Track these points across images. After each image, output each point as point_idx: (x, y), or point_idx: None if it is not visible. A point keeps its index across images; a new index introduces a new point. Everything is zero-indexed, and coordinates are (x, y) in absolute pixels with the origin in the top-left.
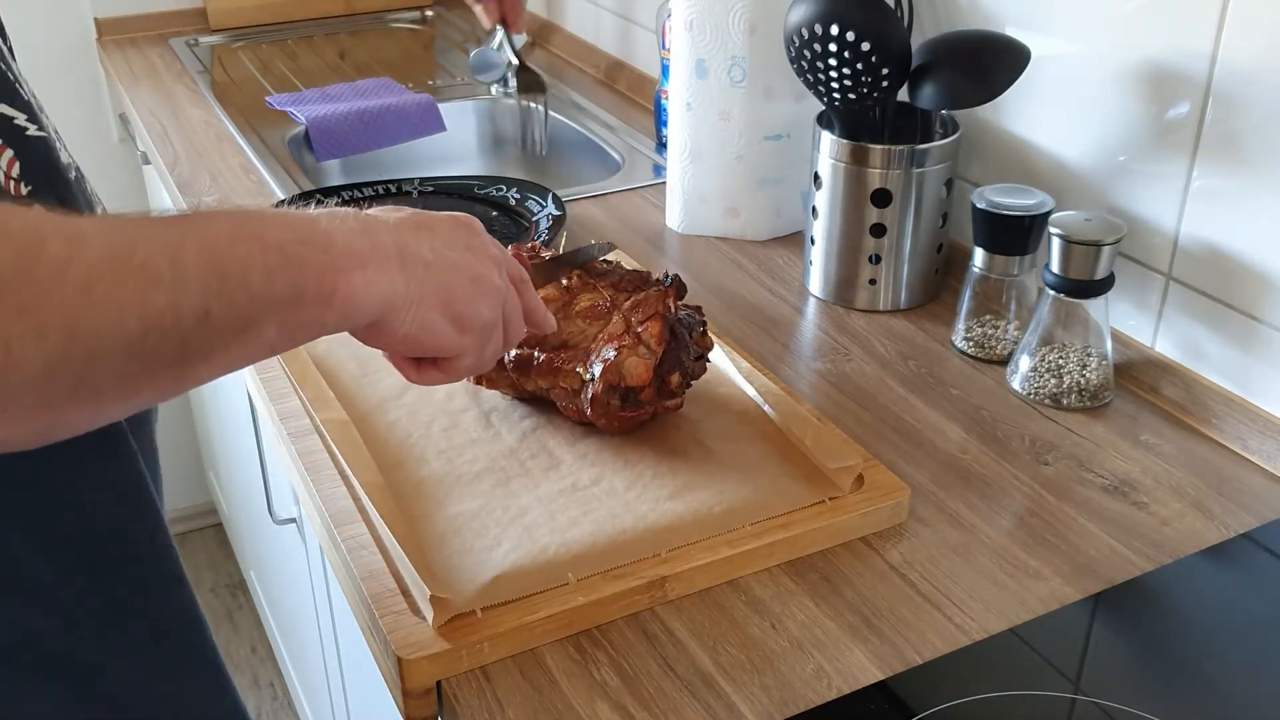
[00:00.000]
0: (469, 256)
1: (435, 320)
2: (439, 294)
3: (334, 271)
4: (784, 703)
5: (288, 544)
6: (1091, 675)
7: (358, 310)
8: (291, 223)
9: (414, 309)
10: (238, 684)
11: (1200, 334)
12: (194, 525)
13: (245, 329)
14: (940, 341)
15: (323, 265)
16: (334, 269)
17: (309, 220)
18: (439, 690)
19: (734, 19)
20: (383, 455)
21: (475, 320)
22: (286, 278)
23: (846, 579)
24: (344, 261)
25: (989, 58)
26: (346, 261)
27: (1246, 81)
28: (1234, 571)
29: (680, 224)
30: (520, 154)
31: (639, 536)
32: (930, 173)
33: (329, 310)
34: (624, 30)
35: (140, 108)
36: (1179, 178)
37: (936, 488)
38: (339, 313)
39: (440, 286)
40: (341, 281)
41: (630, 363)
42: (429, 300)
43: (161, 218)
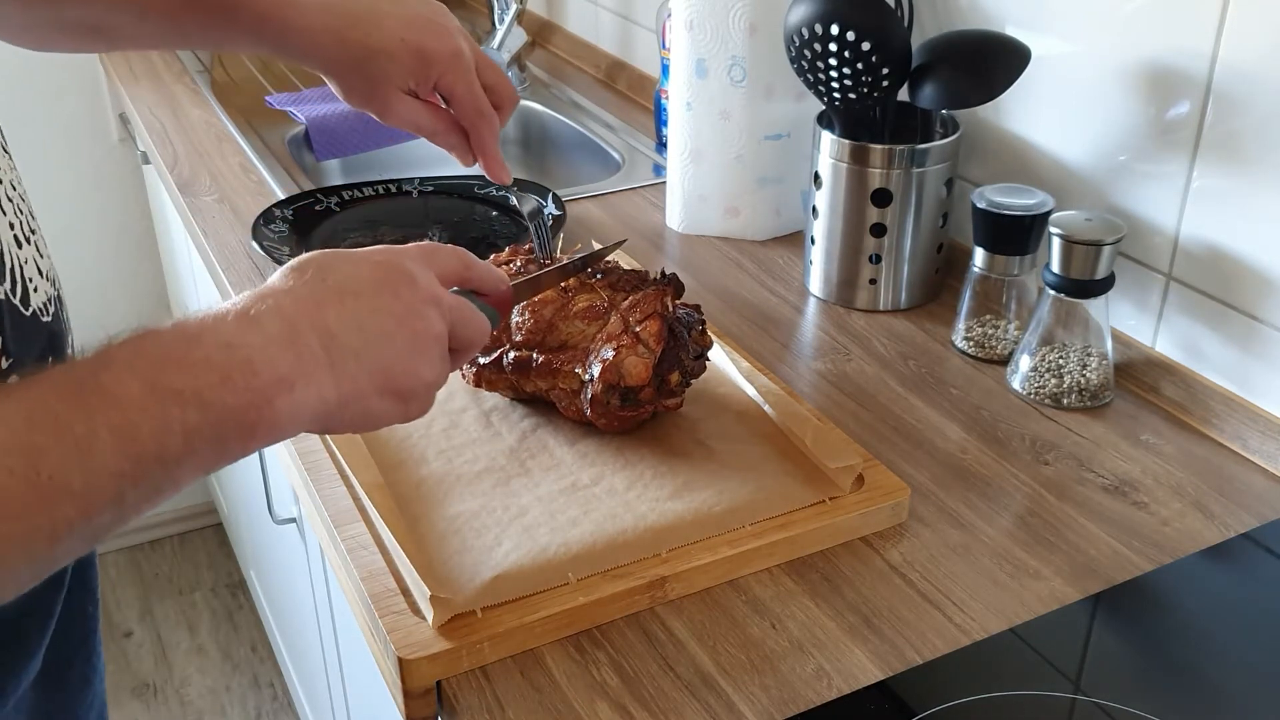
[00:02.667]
0: (400, 310)
1: (375, 406)
2: (375, 379)
3: (257, 406)
4: (784, 703)
5: (288, 544)
6: (1091, 675)
7: (285, 432)
8: (207, 356)
9: (349, 407)
10: (238, 684)
11: (1200, 334)
12: (194, 525)
13: (159, 492)
14: (940, 341)
15: (245, 405)
16: (255, 406)
17: (227, 346)
18: (439, 690)
19: (734, 19)
20: (383, 455)
21: (419, 386)
22: (206, 431)
23: (846, 579)
24: (269, 390)
25: (989, 58)
26: (272, 389)
27: (1246, 81)
28: (1234, 571)
29: (680, 224)
30: (520, 154)
31: (639, 536)
32: (930, 173)
33: (251, 443)
34: (624, 30)
35: (140, 107)
36: (1179, 178)
37: (936, 488)
38: (264, 440)
39: (375, 371)
40: (266, 413)
41: (629, 362)
42: (366, 390)
43: (66, 390)
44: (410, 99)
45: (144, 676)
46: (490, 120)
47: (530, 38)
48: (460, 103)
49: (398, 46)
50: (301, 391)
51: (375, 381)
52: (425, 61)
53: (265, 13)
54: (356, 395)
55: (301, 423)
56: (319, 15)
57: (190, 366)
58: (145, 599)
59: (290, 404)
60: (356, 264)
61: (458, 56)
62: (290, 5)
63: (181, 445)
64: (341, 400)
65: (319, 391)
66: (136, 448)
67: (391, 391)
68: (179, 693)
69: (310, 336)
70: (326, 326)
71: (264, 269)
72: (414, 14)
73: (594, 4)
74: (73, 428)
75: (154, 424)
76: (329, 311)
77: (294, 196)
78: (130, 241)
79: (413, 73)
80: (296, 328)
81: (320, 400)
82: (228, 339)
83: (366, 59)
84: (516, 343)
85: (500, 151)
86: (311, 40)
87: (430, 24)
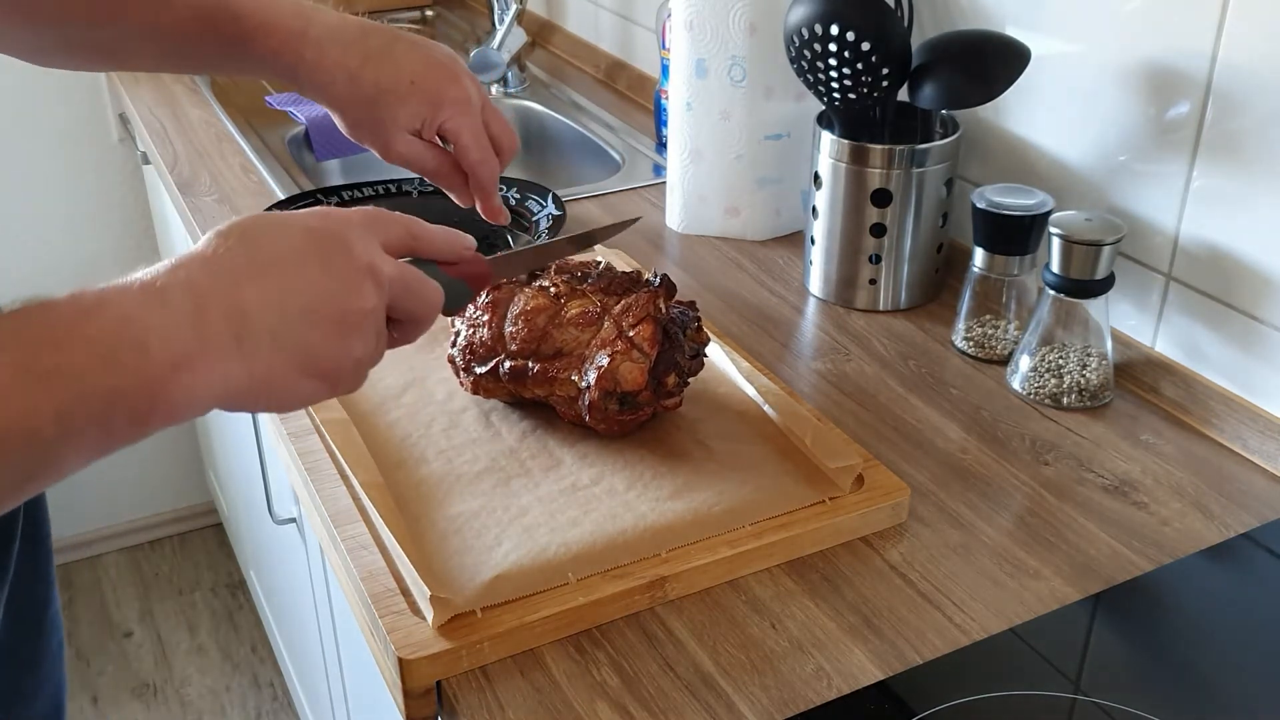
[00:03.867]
0: (328, 287)
1: (295, 386)
2: (295, 358)
3: (146, 390)
4: (784, 703)
5: (288, 544)
6: (1091, 675)
7: (184, 413)
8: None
9: (262, 390)
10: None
11: (1200, 334)
12: (194, 525)
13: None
14: (940, 341)
15: (133, 389)
16: (146, 387)
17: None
18: (439, 690)
19: (734, 19)
20: (383, 455)
21: (345, 364)
22: (84, 414)
23: (846, 579)
24: (161, 372)
25: (989, 58)
26: (165, 371)
27: (1246, 81)
28: (1234, 571)
29: (680, 224)
30: (521, 154)
31: (639, 536)
32: (930, 173)
33: (147, 425)
34: (624, 30)
35: (140, 107)
36: (1179, 178)
37: (936, 488)
38: (161, 423)
39: (295, 352)
40: (160, 395)
41: (624, 368)
42: (282, 371)
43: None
44: (413, 139)
45: (144, 676)
46: (492, 165)
47: (530, 38)
48: (465, 148)
49: (408, 89)
50: (203, 373)
51: (294, 362)
52: (434, 104)
53: (279, 47)
54: (270, 377)
55: (204, 404)
56: (334, 52)
57: (70, 345)
58: (145, 599)
59: (188, 386)
60: (287, 231)
61: (466, 102)
62: (305, 41)
63: (54, 427)
64: (253, 383)
65: (223, 373)
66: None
67: (314, 372)
68: (179, 693)
69: (217, 316)
70: (240, 305)
71: None
72: (427, 57)
73: (594, 4)
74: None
75: (18, 405)
76: (246, 289)
77: (294, 197)
78: (130, 241)
79: (420, 114)
80: (204, 305)
81: (224, 382)
82: (125, 313)
83: (376, 97)
84: (511, 352)
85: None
86: (324, 76)
87: (442, 68)
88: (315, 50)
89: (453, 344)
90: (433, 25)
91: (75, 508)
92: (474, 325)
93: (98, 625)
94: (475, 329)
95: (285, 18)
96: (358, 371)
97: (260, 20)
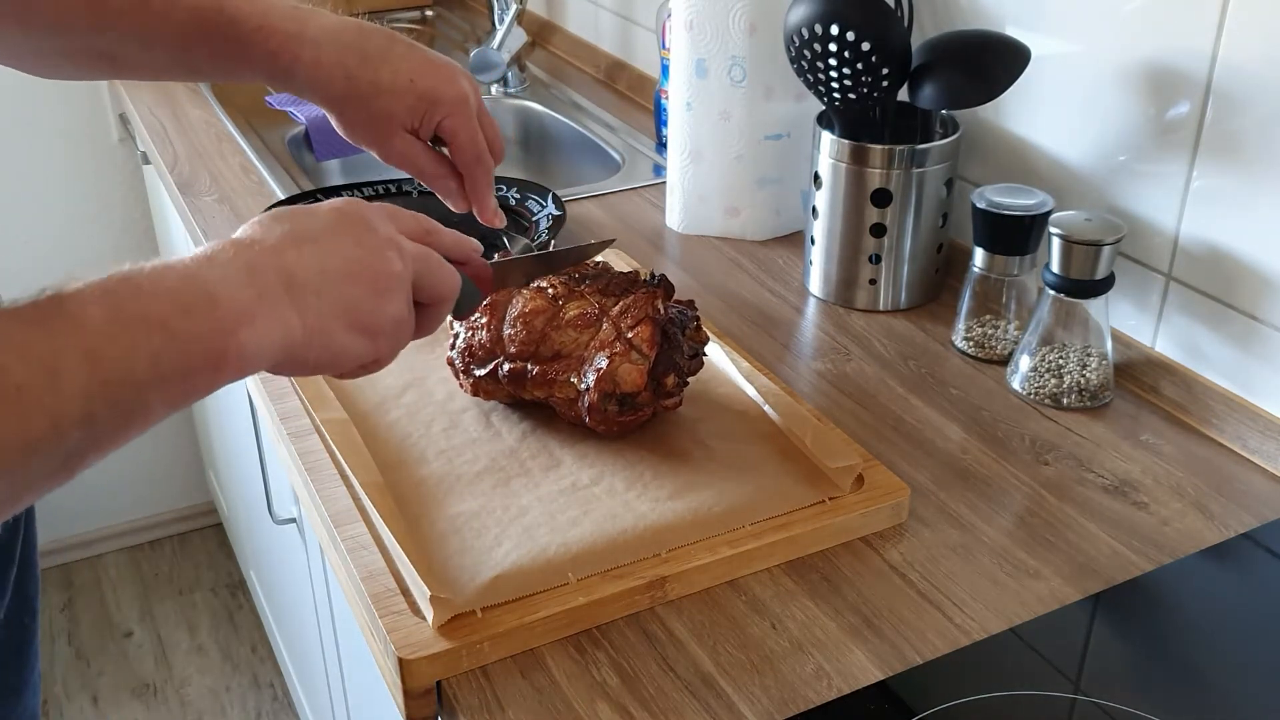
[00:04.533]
0: (360, 254)
1: (343, 340)
2: (339, 315)
3: (221, 336)
4: (784, 703)
5: (288, 544)
6: (1091, 675)
7: (253, 364)
8: (170, 288)
9: (315, 340)
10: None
11: (1200, 334)
12: (194, 525)
13: (131, 417)
14: (940, 341)
15: (209, 333)
16: (221, 333)
17: (188, 278)
18: (439, 690)
19: (734, 19)
20: (383, 455)
21: (384, 322)
22: (171, 358)
23: (846, 579)
24: (231, 322)
25: (989, 58)
26: (233, 321)
27: (1246, 81)
28: (1234, 571)
29: (680, 224)
30: (521, 154)
31: (639, 536)
32: (930, 173)
33: (220, 374)
34: (624, 30)
35: (140, 107)
36: (1179, 178)
37: (936, 488)
38: (232, 372)
39: (339, 306)
40: (231, 343)
41: (623, 370)
42: (331, 325)
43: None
44: (411, 138)
45: (144, 676)
46: (487, 167)
47: (530, 38)
48: (461, 148)
49: (405, 86)
50: (264, 323)
51: (339, 316)
52: (431, 103)
53: (277, 49)
54: (322, 329)
55: (269, 354)
56: (331, 52)
57: (153, 296)
58: (145, 599)
59: (254, 335)
60: (317, 213)
61: (463, 102)
62: (303, 42)
63: (149, 370)
64: (307, 334)
65: (283, 324)
66: (103, 371)
67: (358, 327)
68: (179, 693)
69: (268, 275)
70: (285, 267)
71: None
72: (425, 58)
73: (594, 4)
74: (35, 348)
75: (119, 348)
76: (288, 254)
77: (294, 197)
78: (130, 241)
79: (416, 113)
80: (255, 267)
81: (285, 332)
82: (190, 272)
83: (373, 95)
84: (510, 354)
85: (494, 199)
86: (321, 75)
87: (440, 69)
88: (313, 51)
89: (451, 346)
90: (433, 25)
91: (75, 508)
92: (472, 328)
93: (98, 625)
94: (474, 331)
95: (282, 20)
96: (396, 333)
97: (258, 23)
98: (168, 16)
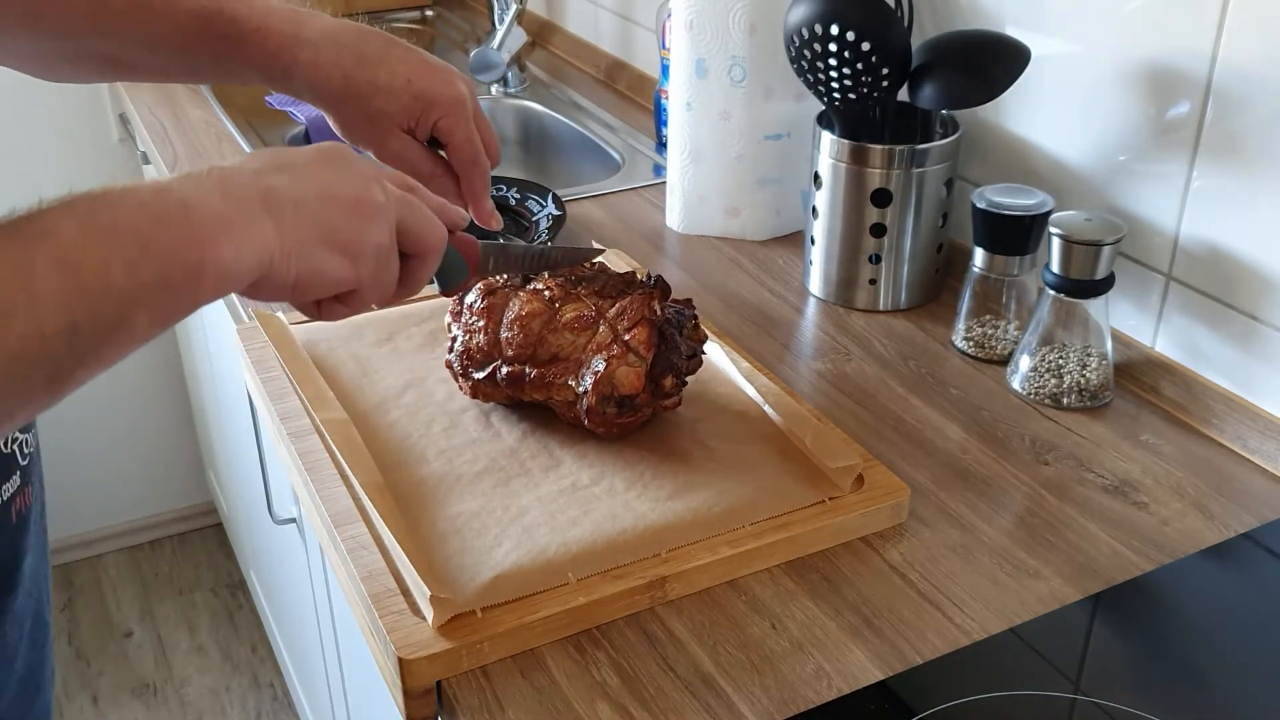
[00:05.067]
0: (341, 180)
1: (322, 259)
2: (318, 231)
3: (197, 245)
4: (784, 703)
5: (288, 544)
6: (1091, 675)
7: (232, 277)
8: (143, 201)
9: (294, 255)
10: (238, 684)
11: (1200, 334)
12: (194, 525)
13: (116, 329)
14: (940, 341)
15: (184, 242)
16: (197, 242)
17: (161, 192)
18: (439, 690)
19: (734, 19)
20: (383, 455)
21: (365, 246)
22: (149, 267)
23: (846, 579)
24: (206, 231)
25: (989, 58)
26: (209, 230)
27: (1246, 81)
28: (1234, 571)
29: (680, 224)
30: (520, 154)
31: (639, 536)
32: (930, 173)
33: (201, 286)
34: (624, 30)
35: (140, 107)
36: (1179, 178)
37: (936, 488)
38: (212, 285)
39: (317, 223)
40: (208, 253)
41: (621, 372)
42: (309, 241)
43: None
44: (408, 139)
45: (144, 676)
46: (484, 168)
47: (530, 38)
48: (457, 148)
49: (402, 87)
50: (241, 234)
51: (318, 232)
52: (427, 103)
53: (276, 49)
54: (300, 244)
55: (246, 267)
56: (329, 52)
57: (125, 208)
58: (145, 599)
59: (231, 246)
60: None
61: (460, 103)
62: (301, 43)
63: (126, 280)
64: (285, 248)
65: (260, 235)
66: (78, 278)
67: (339, 247)
68: (179, 693)
69: (244, 189)
70: (263, 185)
71: None
72: (422, 59)
73: (594, 4)
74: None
75: (93, 258)
76: (266, 177)
77: None
78: None
79: (413, 113)
80: (229, 181)
81: (263, 244)
82: (161, 186)
83: (370, 95)
84: (508, 357)
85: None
86: (318, 75)
87: (436, 70)
88: (311, 52)
89: (450, 350)
90: (433, 25)
91: (75, 508)
92: (470, 331)
93: (98, 625)
94: (471, 335)
95: (281, 22)
96: (378, 261)
97: (257, 24)
98: (170, 18)
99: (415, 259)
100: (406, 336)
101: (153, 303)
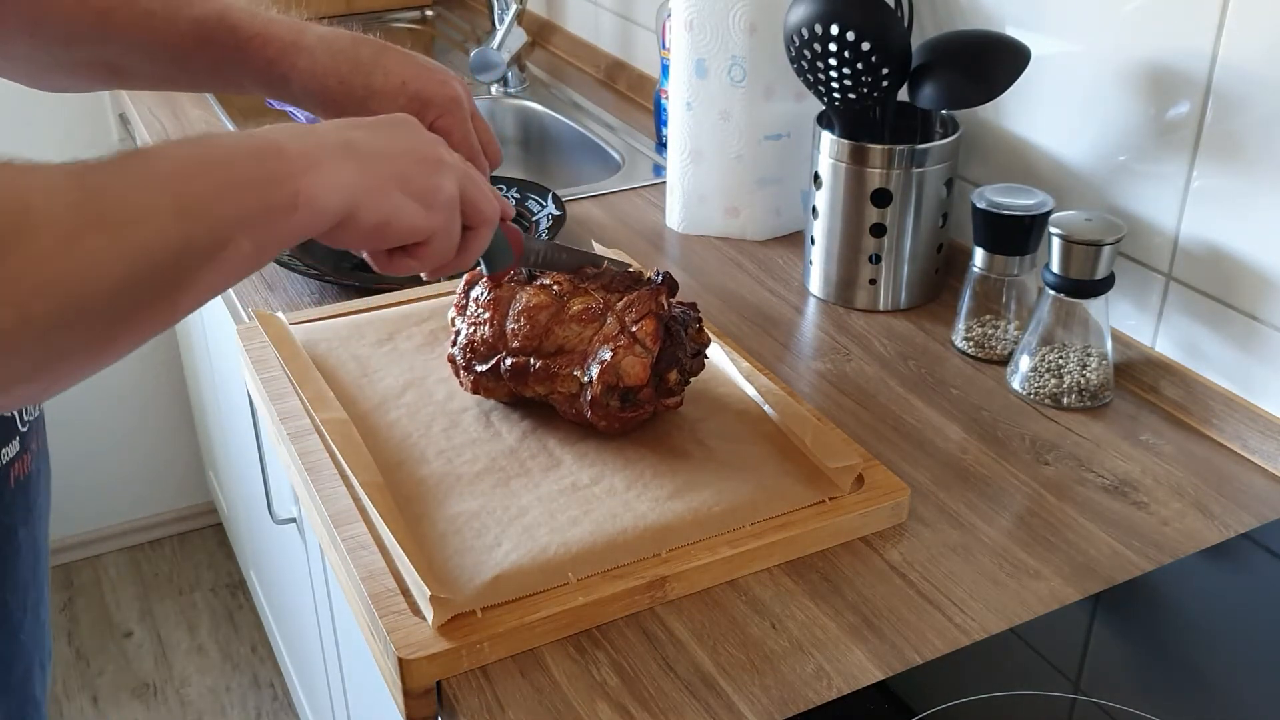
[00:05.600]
0: (413, 140)
1: (400, 202)
2: (396, 178)
3: (291, 178)
4: (784, 703)
5: (288, 544)
6: (1091, 675)
7: (324, 208)
8: (239, 142)
9: (376, 196)
10: (238, 684)
11: (1200, 334)
12: (194, 525)
13: (223, 249)
14: (940, 341)
15: (280, 174)
16: (290, 175)
17: (252, 135)
18: (439, 690)
19: (734, 19)
20: (383, 455)
21: (439, 195)
22: (252, 193)
23: (846, 579)
24: (298, 166)
25: (989, 58)
26: (300, 165)
27: (1246, 81)
28: (1234, 571)
29: (680, 224)
30: (520, 154)
31: (639, 536)
32: (930, 173)
33: (296, 215)
34: (624, 30)
35: (140, 108)
36: (1179, 178)
37: (936, 488)
38: (306, 214)
39: (395, 171)
40: (302, 185)
41: (627, 362)
42: (389, 185)
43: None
44: None
45: (144, 676)
46: (482, 168)
47: (530, 38)
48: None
49: (398, 89)
50: (330, 170)
51: (398, 180)
52: (424, 104)
53: (275, 57)
54: (380, 184)
55: (337, 199)
56: (326, 60)
57: (225, 146)
58: (145, 599)
59: (321, 179)
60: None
61: (456, 102)
62: (299, 50)
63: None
64: (366, 186)
65: (346, 174)
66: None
67: (415, 194)
68: (179, 693)
69: (329, 137)
70: (344, 135)
71: (264, 271)
72: (419, 63)
73: (594, 4)
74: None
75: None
76: (345, 130)
77: None
78: None
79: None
80: (318, 132)
81: (349, 180)
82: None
83: (367, 98)
84: (513, 349)
85: None
86: (315, 83)
87: (432, 72)
88: (308, 58)
89: (453, 343)
90: (433, 25)
91: (75, 508)
92: (475, 323)
93: (98, 625)
94: (476, 327)
95: (280, 29)
96: (449, 213)
97: (256, 31)
98: (172, 26)
99: (471, 231)
100: (406, 336)
101: (254, 230)
